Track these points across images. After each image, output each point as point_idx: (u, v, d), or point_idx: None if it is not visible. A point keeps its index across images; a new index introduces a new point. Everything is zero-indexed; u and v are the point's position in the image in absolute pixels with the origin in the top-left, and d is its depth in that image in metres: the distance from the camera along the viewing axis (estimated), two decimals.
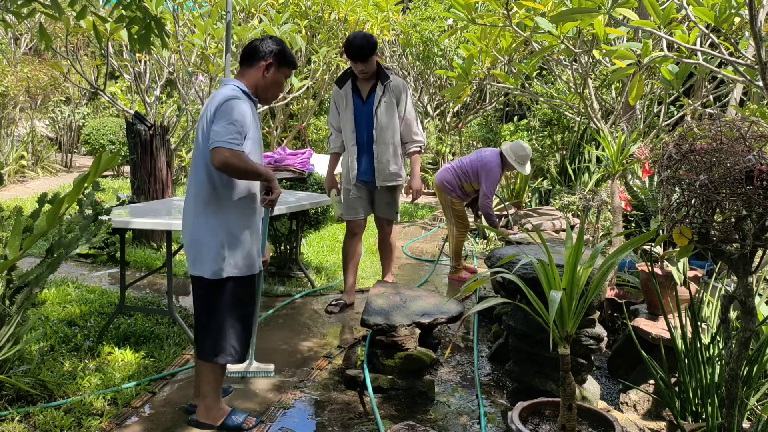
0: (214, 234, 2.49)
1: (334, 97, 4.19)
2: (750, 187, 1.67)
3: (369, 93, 4.09)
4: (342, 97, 4.13)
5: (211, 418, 2.63)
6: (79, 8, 3.58)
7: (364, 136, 4.14)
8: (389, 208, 4.36)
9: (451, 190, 5.09)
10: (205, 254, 2.49)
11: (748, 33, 3.03)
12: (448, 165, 5.26)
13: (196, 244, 2.50)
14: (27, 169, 10.07)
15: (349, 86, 4.11)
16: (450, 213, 5.19)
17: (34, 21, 8.84)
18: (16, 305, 2.71)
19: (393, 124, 4.11)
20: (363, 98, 4.10)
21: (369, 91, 4.09)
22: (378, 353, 3.18)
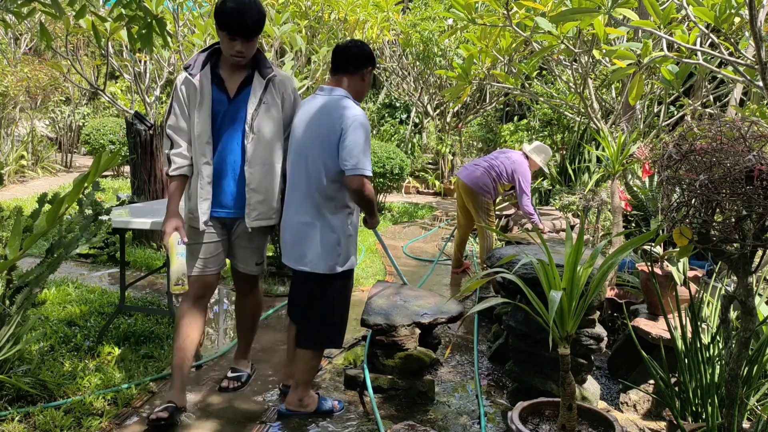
0: (332, 233, 2.71)
1: (180, 90, 2.71)
2: (750, 187, 1.67)
3: (240, 87, 2.71)
4: (195, 90, 2.67)
5: (304, 406, 2.85)
6: (79, 8, 3.58)
7: (227, 151, 2.71)
8: (256, 257, 2.91)
9: (486, 191, 5.16)
10: (321, 252, 2.71)
11: (748, 33, 3.03)
12: (476, 167, 5.24)
13: (309, 243, 2.72)
14: (27, 169, 10.07)
15: (207, 74, 2.69)
16: (483, 213, 5.21)
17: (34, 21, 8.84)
18: (16, 305, 2.71)
19: (277, 135, 2.76)
20: (230, 94, 2.71)
21: (240, 84, 2.71)
22: (378, 353, 3.18)
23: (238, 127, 2.72)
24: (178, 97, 2.72)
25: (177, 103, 2.73)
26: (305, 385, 2.82)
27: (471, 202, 5.21)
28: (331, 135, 2.61)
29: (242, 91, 2.72)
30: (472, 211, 5.25)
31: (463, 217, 5.45)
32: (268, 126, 2.75)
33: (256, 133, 2.71)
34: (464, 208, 5.37)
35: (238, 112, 2.72)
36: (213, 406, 2.91)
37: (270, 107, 2.74)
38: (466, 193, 5.21)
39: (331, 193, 2.68)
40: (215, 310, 4.40)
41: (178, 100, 2.72)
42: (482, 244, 5.40)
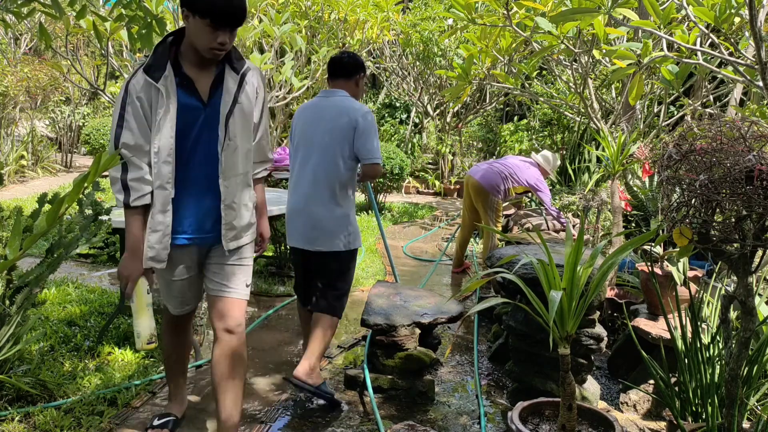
0: (346, 217, 3.08)
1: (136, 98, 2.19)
2: (750, 187, 1.67)
3: (213, 87, 2.27)
4: (158, 97, 2.18)
5: (313, 378, 2.95)
6: (79, 8, 3.58)
7: (203, 165, 2.29)
8: (240, 276, 2.41)
9: (497, 192, 5.21)
10: (338, 234, 3.05)
11: (748, 33, 3.04)
12: (489, 167, 5.31)
13: (326, 226, 3.05)
14: (27, 169, 10.07)
15: (170, 75, 2.20)
16: (491, 213, 5.23)
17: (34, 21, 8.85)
18: (16, 305, 2.71)
19: (250, 140, 2.38)
20: (202, 97, 2.25)
21: (212, 84, 2.26)
22: (378, 353, 3.18)
23: (214, 136, 2.25)
24: (135, 107, 2.15)
25: (133, 116, 2.15)
26: (318, 356, 2.99)
27: (480, 201, 5.22)
28: (347, 131, 3.02)
29: (216, 91, 2.24)
30: (481, 211, 5.27)
31: (469, 216, 5.45)
32: (244, 130, 2.31)
33: (231, 140, 2.26)
34: (471, 207, 5.39)
35: (214, 117, 2.24)
36: (213, 406, 2.90)
37: (243, 107, 2.28)
38: (477, 192, 5.23)
39: (345, 180, 3.06)
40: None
41: (135, 111, 2.15)
42: (486, 244, 5.42)
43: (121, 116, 2.16)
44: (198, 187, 2.27)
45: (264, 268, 5.21)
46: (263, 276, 5.09)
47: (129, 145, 2.16)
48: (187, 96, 2.21)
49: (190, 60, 2.21)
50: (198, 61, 2.21)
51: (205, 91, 2.24)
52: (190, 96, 2.21)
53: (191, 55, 2.20)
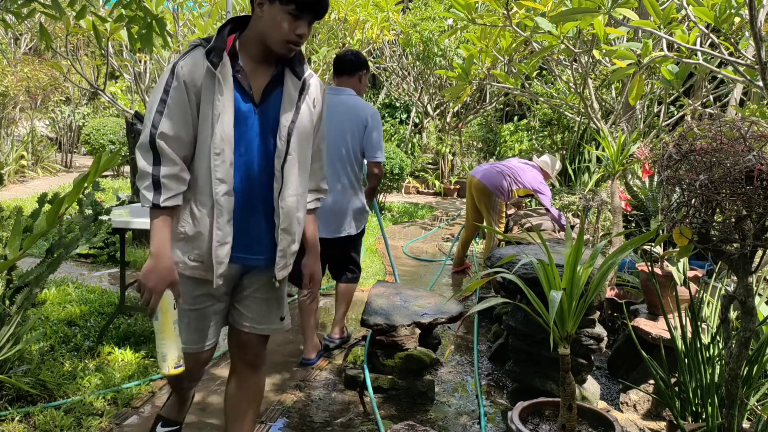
0: (360, 203, 3.51)
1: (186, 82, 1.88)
2: (750, 187, 1.67)
3: (268, 88, 1.98)
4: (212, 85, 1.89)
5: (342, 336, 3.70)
6: (79, 8, 3.58)
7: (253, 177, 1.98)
8: (276, 310, 2.17)
9: (501, 192, 5.23)
10: (354, 219, 3.50)
11: (748, 33, 3.04)
12: (492, 167, 5.33)
13: (346, 214, 3.46)
14: (27, 169, 10.07)
15: (228, 66, 1.91)
16: (494, 213, 5.25)
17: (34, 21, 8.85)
18: (16, 305, 2.71)
19: (308, 158, 2.10)
20: (254, 97, 1.96)
21: (268, 84, 1.98)
22: (378, 353, 3.18)
23: (267, 145, 1.96)
24: (180, 92, 1.85)
25: (177, 102, 1.85)
26: (342, 319, 3.68)
27: (484, 201, 5.23)
28: (360, 127, 3.39)
29: (270, 94, 1.96)
30: (484, 211, 5.28)
31: (473, 216, 5.46)
32: (303, 145, 2.02)
33: (292, 153, 1.96)
34: (474, 207, 5.39)
35: (267, 124, 1.96)
36: (213, 406, 2.91)
37: (304, 119, 2.00)
38: (480, 192, 5.23)
39: (358, 172, 3.49)
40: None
41: (180, 97, 1.85)
42: (488, 244, 5.42)
43: (163, 101, 1.85)
44: (248, 201, 1.97)
45: None
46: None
47: (167, 135, 1.84)
48: (239, 92, 1.92)
49: (250, 53, 1.93)
50: (259, 55, 1.93)
51: (258, 92, 1.95)
52: (243, 94, 1.92)
53: (253, 47, 1.93)
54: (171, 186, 1.86)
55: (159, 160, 1.85)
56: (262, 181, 1.98)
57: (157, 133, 1.83)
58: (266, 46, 1.90)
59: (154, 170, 1.84)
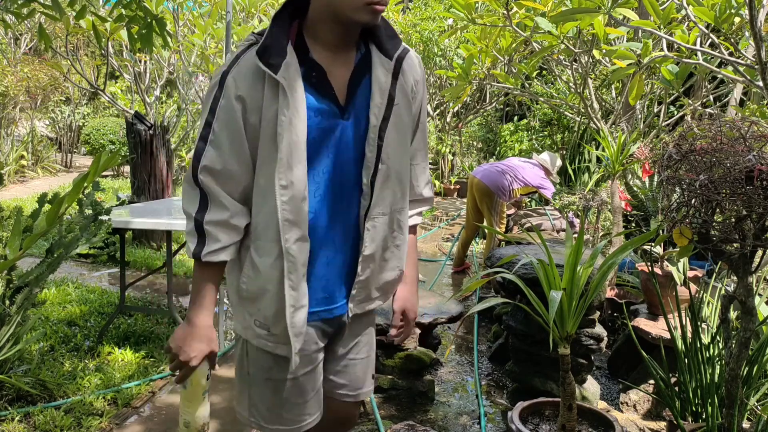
0: None
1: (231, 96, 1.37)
2: (750, 187, 1.67)
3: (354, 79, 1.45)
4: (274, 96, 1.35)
5: None
6: (79, 8, 3.58)
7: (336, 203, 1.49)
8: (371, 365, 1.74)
9: (502, 192, 5.26)
10: None
11: (748, 33, 3.04)
12: (494, 167, 5.34)
13: None
14: (27, 169, 10.07)
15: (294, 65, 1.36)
16: (495, 214, 5.27)
17: (34, 21, 8.85)
18: (16, 305, 2.71)
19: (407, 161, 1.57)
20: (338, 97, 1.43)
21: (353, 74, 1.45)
22: (378, 353, 3.18)
23: (357, 156, 1.46)
24: (231, 112, 1.35)
25: (227, 125, 1.36)
26: None
27: (486, 201, 5.23)
28: None
29: (357, 88, 1.43)
30: (485, 212, 5.28)
31: (474, 216, 5.46)
32: (400, 146, 1.50)
33: (384, 162, 1.46)
34: (475, 208, 5.39)
35: (358, 128, 1.44)
36: (213, 406, 2.91)
37: (401, 112, 1.47)
38: (482, 193, 5.23)
39: None
40: (215, 311, 4.40)
41: (231, 119, 1.36)
42: (488, 245, 5.43)
43: (208, 124, 1.37)
44: (329, 236, 1.46)
45: None
46: None
47: (214, 171, 1.37)
48: (316, 97, 1.38)
49: (321, 39, 1.39)
50: (335, 38, 1.39)
51: (342, 89, 1.41)
52: (322, 97, 1.39)
53: (324, 29, 1.38)
54: (218, 236, 1.38)
55: (205, 202, 1.38)
56: (345, 202, 1.47)
57: (200, 167, 1.36)
58: (341, 21, 1.35)
59: (198, 214, 1.38)
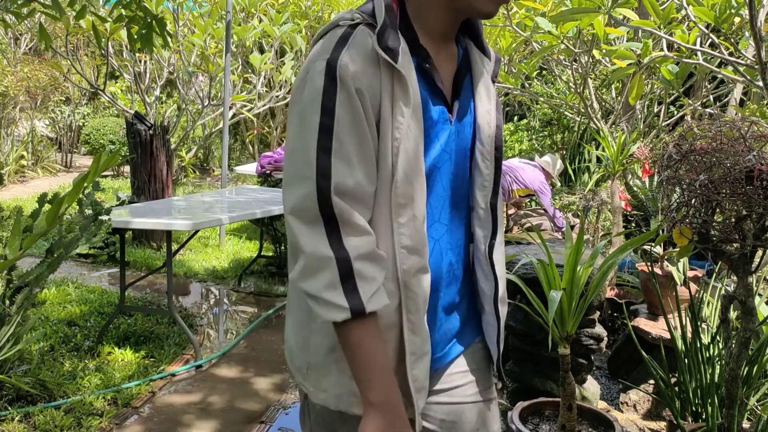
0: None
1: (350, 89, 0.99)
2: (750, 187, 1.67)
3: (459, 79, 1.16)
4: (392, 88, 1.02)
5: None
6: (79, 8, 3.58)
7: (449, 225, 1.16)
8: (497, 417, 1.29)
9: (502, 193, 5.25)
10: None
11: (748, 33, 3.04)
12: None
13: None
14: (27, 169, 10.07)
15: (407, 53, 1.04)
16: None
17: (34, 21, 8.85)
18: (16, 305, 2.71)
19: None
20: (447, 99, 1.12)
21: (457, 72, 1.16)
22: None
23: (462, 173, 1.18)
24: (355, 110, 1.01)
25: (352, 127, 1.01)
26: None
27: None
28: None
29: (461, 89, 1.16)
30: None
31: None
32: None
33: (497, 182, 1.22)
34: None
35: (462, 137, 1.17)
36: (213, 406, 2.91)
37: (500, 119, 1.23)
38: None
39: None
40: (215, 311, 4.40)
41: (355, 119, 1.01)
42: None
43: (327, 129, 0.99)
44: (443, 267, 1.16)
45: (264, 268, 5.21)
46: (263, 276, 5.09)
47: (347, 190, 1.00)
48: (429, 95, 1.09)
49: (427, 26, 1.10)
50: (442, 28, 1.11)
51: (448, 89, 1.14)
52: (434, 96, 1.10)
53: (432, 16, 1.10)
54: (371, 272, 1.00)
55: (338, 234, 0.99)
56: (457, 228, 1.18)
57: (333, 187, 0.98)
58: (455, 7, 1.09)
59: (338, 251, 0.98)
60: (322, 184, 0.99)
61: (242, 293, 4.65)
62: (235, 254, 5.69)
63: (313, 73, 1.02)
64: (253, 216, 3.94)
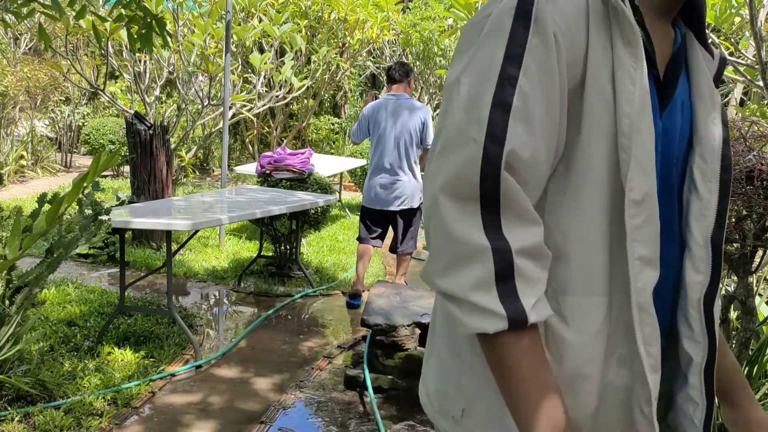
0: (417, 181, 4.40)
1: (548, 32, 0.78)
2: (750, 187, 1.67)
3: (671, 68, 0.91)
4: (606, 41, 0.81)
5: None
6: (79, 8, 3.58)
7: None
8: None
9: None
10: (411, 196, 4.38)
11: (749, 33, 3.03)
12: None
13: (405, 190, 4.35)
14: (27, 169, 10.07)
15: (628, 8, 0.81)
16: None
17: (34, 21, 8.85)
18: (16, 305, 2.71)
19: None
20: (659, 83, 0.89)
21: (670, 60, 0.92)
22: (378, 353, 3.18)
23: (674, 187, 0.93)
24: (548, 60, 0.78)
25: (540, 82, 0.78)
26: (403, 275, 4.59)
27: None
28: (418, 123, 4.32)
29: (675, 80, 0.92)
30: None
31: None
32: None
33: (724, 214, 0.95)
34: None
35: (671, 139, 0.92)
36: (213, 406, 2.91)
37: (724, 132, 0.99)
38: None
39: (414, 157, 4.37)
40: (215, 311, 4.40)
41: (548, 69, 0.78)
42: None
43: (511, 80, 0.78)
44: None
45: (264, 268, 5.21)
46: (263, 276, 5.09)
47: (519, 161, 0.79)
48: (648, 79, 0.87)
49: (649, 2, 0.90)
50: (660, 6, 0.91)
51: (662, 67, 0.92)
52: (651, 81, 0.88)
53: None
54: (536, 273, 0.79)
55: (497, 217, 0.77)
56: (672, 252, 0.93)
57: (505, 154, 0.76)
58: None
59: (497, 240, 0.76)
60: (491, 150, 0.75)
61: (242, 293, 4.65)
62: (234, 254, 5.69)
63: (498, 12, 0.80)
64: (253, 216, 3.94)
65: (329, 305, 4.47)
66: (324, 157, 8.03)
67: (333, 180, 8.84)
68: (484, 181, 0.76)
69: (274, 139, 10.62)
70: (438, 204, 0.79)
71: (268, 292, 4.66)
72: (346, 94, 12.48)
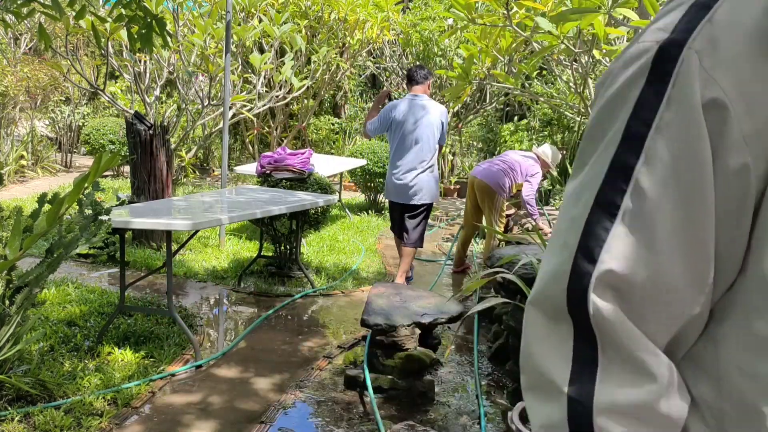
0: (434, 178, 4.68)
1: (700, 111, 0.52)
2: None
3: None
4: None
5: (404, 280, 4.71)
6: (79, 8, 3.58)
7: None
8: None
9: (503, 191, 5.26)
10: (428, 192, 4.62)
11: None
12: (492, 165, 5.32)
13: (422, 186, 4.58)
14: (27, 169, 10.07)
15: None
16: (496, 213, 5.27)
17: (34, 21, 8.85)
18: (16, 305, 2.71)
19: None
20: None
21: None
22: (378, 353, 3.18)
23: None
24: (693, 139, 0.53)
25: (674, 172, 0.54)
26: (406, 271, 4.76)
27: (487, 201, 5.22)
28: (436, 122, 4.56)
29: None
30: (486, 210, 5.27)
31: (473, 216, 5.45)
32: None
33: None
34: (476, 207, 5.39)
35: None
36: (213, 406, 2.91)
37: None
38: (483, 192, 5.22)
39: (432, 154, 4.57)
40: (215, 311, 4.40)
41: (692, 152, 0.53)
42: (488, 244, 5.43)
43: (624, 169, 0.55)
44: None
45: (264, 268, 5.21)
46: (263, 276, 5.09)
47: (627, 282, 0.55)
48: None
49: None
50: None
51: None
52: None
53: None
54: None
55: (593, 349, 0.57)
56: None
57: (599, 270, 0.55)
58: None
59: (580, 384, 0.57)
60: (580, 263, 0.57)
61: (242, 293, 4.65)
62: (234, 254, 5.69)
63: (629, 62, 0.58)
64: (253, 216, 3.94)
65: (329, 305, 4.47)
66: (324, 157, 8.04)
67: (333, 180, 8.84)
68: (572, 303, 0.57)
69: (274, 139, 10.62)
70: (526, 315, 0.64)
71: (268, 292, 4.66)
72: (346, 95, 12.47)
